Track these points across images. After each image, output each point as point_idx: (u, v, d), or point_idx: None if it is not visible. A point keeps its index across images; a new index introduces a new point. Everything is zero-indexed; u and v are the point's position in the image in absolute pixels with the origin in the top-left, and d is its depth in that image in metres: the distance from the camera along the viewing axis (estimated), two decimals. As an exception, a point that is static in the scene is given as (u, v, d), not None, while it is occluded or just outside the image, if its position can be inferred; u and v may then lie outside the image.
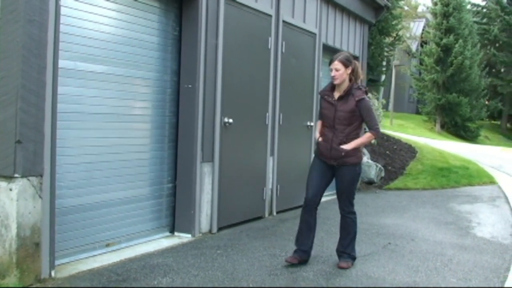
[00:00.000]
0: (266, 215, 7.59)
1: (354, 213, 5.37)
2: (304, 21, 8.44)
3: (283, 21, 7.74)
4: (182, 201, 6.16)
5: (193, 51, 6.10)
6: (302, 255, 5.30)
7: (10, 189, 4.14)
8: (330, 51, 9.79)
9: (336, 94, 5.19)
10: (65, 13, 4.68)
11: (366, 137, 5.30)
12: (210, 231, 6.39)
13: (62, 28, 4.56)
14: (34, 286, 4.27)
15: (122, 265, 4.96)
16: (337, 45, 9.82)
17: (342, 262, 5.29)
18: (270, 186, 7.65)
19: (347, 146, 5.10)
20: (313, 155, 8.80)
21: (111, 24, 5.33)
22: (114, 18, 5.36)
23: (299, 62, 8.33)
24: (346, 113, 5.09)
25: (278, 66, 7.67)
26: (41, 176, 4.32)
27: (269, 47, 7.44)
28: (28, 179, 4.21)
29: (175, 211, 6.20)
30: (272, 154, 7.67)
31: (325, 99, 5.25)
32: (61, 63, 4.58)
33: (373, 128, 5.19)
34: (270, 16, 7.42)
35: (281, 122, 7.83)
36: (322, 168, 5.29)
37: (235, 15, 6.65)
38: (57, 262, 4.63)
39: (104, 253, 5.25)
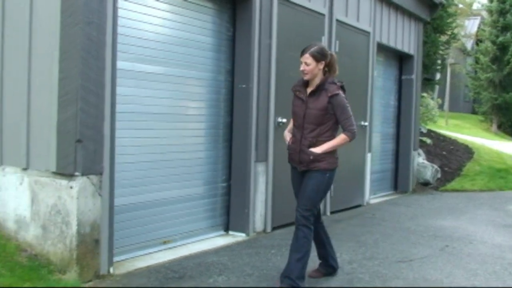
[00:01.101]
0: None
1: (308, 227, 4.42)
2: (357, 20, 8.35)
3: (337, 20, 7.69)
4: (237, 201, 6.19)
5: (247, 51, 6.12)
6: (326, 268, 4.88)
7: (71, 187, 4.25)
8: (385, 50, 9.69)
9: (309, 90, 4.55)
10: (122, 15, 4.79)
11: (339, 139, 4.49)
12: (264, 231, 6.40)
13: (119, 30, 4.66)
14: (93, 282, 4.36)
15: (178, 263, 5.02)
16: (392, 44, 9.68)
17: (279, 284, 4.42)
18: (324, 186, 7.58)
19: (317, 149, 4.40)
20: (368, 155, 8.81)
21: (166, 25, 5.41)
22: (169, 20, 5.44)
23: (352, 62, 8.25)
24: (317, 111, 4.42)
25: (331, 65, 7.59)
26: (101, 174, 4.42)
27: (323, 46, 7.38)
28: (88, 178, 4.31)
29: (230, 210, 6.24)
30: (325, 154, 7.59)
31: (296, 95, 4.63)
32: (119, 64, 4.68)
33: (348, 128, 4.46)
34: (323, 15, 7.37)
35: (335, 122, 7.75)
36: (297, 176, 4.63)
37: (288, 15, 6.65)
38: (115, 259, 4.73)
39: (161, 250, 5.33)
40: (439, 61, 15.53)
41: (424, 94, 13.71)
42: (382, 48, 9.50)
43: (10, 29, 4.68)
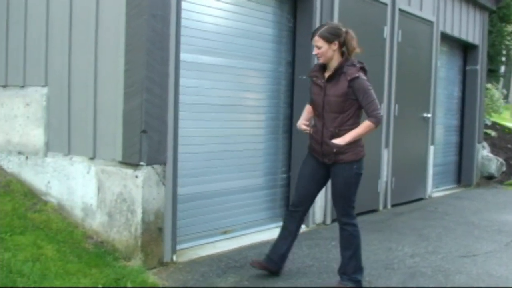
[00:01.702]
0: (381, 208, 7.45)
1: (353, 224, 4.24)
2: (421, 9, 8.18)
3: (399, 9, 7.55)
4: (296, 192, 6.18)
5: (308, 42, 6.06)
6: (268, 263, 4.45)
7: (136, 176, 4.36)
8: (448, 40, 9.46)
9: (326, 74, 4.16)
10: (185, 8, 4.84)
11: (364, 127, 4.09)
12: (323, 223, 6.38)
13: (182, 22, 4.71)
14: (157, 269, 4.46)
15: (239, 252, 5.07)
16: (456, 33, 9.43)
17: (338, 284, 4.29)
18: (384, 179, 7.50)
19: (339, 141, 4.06)
20: (431, 147, 8.64)
21: (228, 17, 5.45)
22: (230, 11, 5.48)
23: (415, 52, 8.09)
24: (337, 98, 4.05)
25: (394, 56, 7.50)
26: (164, 164, 4.51)
27: (385, 36, 7.28)
28: (153, 167, 4.40)
29: (289, 201, 6.23)
30: (387, 146, 7.51)
31: (314, 81, 4.24)
32: (182, 56, 4.74)
33: (372, 114, 4.05)
34: (386, 4, 7.26)
35: (396, 113, 7.64)
36: (313, 167, 4.31)
37: (349, 5, 6.57)
38: (178, 247, 4.81)
39: (222, 240, 5.40)
40: (504, 52, 15.02)
41: (489, 85, 13.29)
42: (446, 38, 9.27)
43: (77, 22, 4.82)
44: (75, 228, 4.78)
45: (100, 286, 3.78)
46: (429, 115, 8.51)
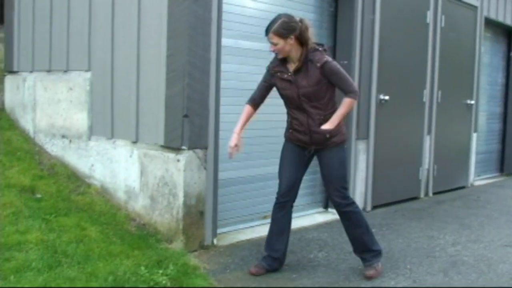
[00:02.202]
0: (422, 195, 7.36)
1: (352, 203, 4.15)
2: (465, -7, 8.00)
3: (443, -6, 7.40)
4: (336, 178, 6.15)
5: (349, 27, 6.03)
6: (271, 263, 4.22)
7: (178, 160, 4.39)
8: (492, 25, 9.23)
9: (291, 67, 3.99)
10: (227, -7, 4.84)
11: (346, 105, 3.97)
12: (364, 209, 6.33)
13: (223, 7, 4.71)
14: (198, 252, 4.51)
15: (279, 238, 5.07)
16: (500, 18, 9.19)
17: (367, 270, 4.19)
18: (426, 166, 7.40)
19: (328, 125, 3.95)
20: (473, 135, 8.47)
21: (268, 1, 5.42)
22: (272, -4, 5.45)
23: (458, 37, 7.92)
24: (313, 87, 3.91)
25: (436, 41, 7.36)
26: (206, 148, 4.53)
27: (428, 21, 7.15)
28: (194, 151, 4.43)
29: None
30: (429, 132, 7.39)
31: (278, 76, 4.05)
32: (223, 41, 4.74)
33: (349, 90, 3.95)
34: (429, -12, 7.12)
35: (439, 100, 7.51)
36: (296, 153, 4.17)
37: (392, -11, 6.47)
38: (218, 231, 4.85)
39: (261, 224, 5.41)
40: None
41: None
42: (490, 23, 9.04)
43: (119, 7, 4.86)
44: (118, 210, 4.86)
45: (142, 267, 3.83)
46: (473, 102, 8.34)
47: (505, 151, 10.15)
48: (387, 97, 6.39)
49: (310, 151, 4.13)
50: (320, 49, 3.96)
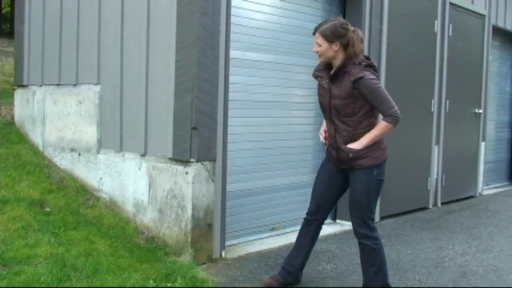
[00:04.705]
0: (430, 206, 7.33)
1: (374, 237, 3.81)
2: (472, 2, 7.99)
3: (450, 3, 7.40)
4: (345, 189, 6.14)
5: (357, 38, 6.02)
6: (285, 277, 4.12)
7: (186, 173, 4.40)
8: (501, 33, 9.23)
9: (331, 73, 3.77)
10: (235, 5, 4.85)
11: (380, 128, 3.67)
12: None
13: (232, 19, 4.73)
14: (207, 264, 4.49)
15: (287, 249, 5.00)
16: (508, 27, 9.19)
17: None
18: (435, 176, 7.37)
19: (355, 145, 3.68)
20: (482, 144, 8.44)
21: (276, 13, 5.44)
22: (279, 8, 5.46)
23: (466, 46, 7.91)
24: (342, 100, 3.66)
25: (444, 50, 7.36)
26: (214, 161, 4.53)
27: (435, 30, 7.15)
28: (203, 164, 4.43)
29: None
30: (437, 142, 7.37)
31: (319, 82, 3.86)
32: (231, 53, 4.76)
33: (387, 113, 3.62)
34: (436, -2, 7.13)
35: (447, 109, 7.50)
36: (330, 172, 3.97)
37: (400, 0, 6.47)
38: (227, 243, 4.85)
39: (270, 236, 5.41)
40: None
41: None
42: (498, 31, 9.04)
43: (129, 20, 4.90)
44: (127, 223, 4.87)
45: (151, 281, 3.83)
46: (481, 111, 8.32)
47: (514, 160, 10.13)
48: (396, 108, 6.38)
49: (338, 165, 3.88)
50: (362, 63, 3.66)
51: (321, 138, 4.01)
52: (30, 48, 6.24)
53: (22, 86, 6.39)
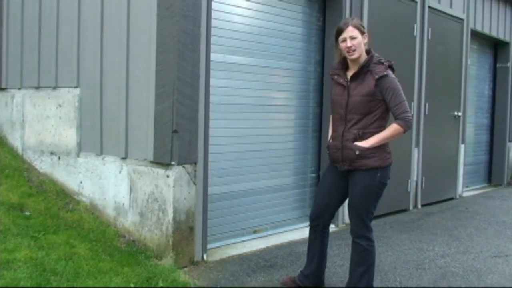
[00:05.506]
0: (411, 208, 7.39)
1: (369, 238, 3.81)
2: (450, 6, 8.09)
3: (429, 7, 7.49)
4: (326, 191, 6.16)
5: (337, 41, 6.06)
6: (302, 280, 4.15)
7: (167, 176, 4.39)
8: (479, 37, 9.34)
9: (350, 73, 3.82)
10: (215, 8, 4.86)
11: (391, 130, 3.70)
12: (353, 222, 6.34)
13: (212, 22, 4.73)
14: (188, 268, 4.48)
15: (269, 252, 5.07)
16: (486, 31, 9.31)
17: None
18: (415, 178, 7.44)
19: (363, 143, 3.69)
20: (461, 146, 8.53)
21: (257, 16, 5.46)
22: (259, 11, 5.48)
23: (445, 50, 8.01)
24: (363, 97, 3.69)
25: (424, 54, 7.44)
26: (195, 164, 4.53)
27: (415, 34, 7.22)
28: (184, 167, 4.43)
29: (319, 201, 6.23)
30: (417, 145, 7.44)
31: (335, 80, 3.88)
32: (212, 56, 4.76)
33: (401, 116, 3.66)
34: (416, 2, 7.20)
35: (427, 112, 7.57)
36: (333, 179, 3.96)
37: (379, 4, 6.53)
38: (208, 246, 4.84)
39: (252, 239, 5.41)
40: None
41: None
42: (476, 35, 9.16)
43: (109, 23, 4.88)
44: (107, 227, 4.84)
45: (132, 284, 3.81)
46: (460, 114, 8.42)
47: (493, 162, 10.26)
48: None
49: (342, 166, 3.83)
50: (385, 63, 3.74)
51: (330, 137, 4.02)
52: (8, 51, 6.18)
53: (0, 89, 6.32)
